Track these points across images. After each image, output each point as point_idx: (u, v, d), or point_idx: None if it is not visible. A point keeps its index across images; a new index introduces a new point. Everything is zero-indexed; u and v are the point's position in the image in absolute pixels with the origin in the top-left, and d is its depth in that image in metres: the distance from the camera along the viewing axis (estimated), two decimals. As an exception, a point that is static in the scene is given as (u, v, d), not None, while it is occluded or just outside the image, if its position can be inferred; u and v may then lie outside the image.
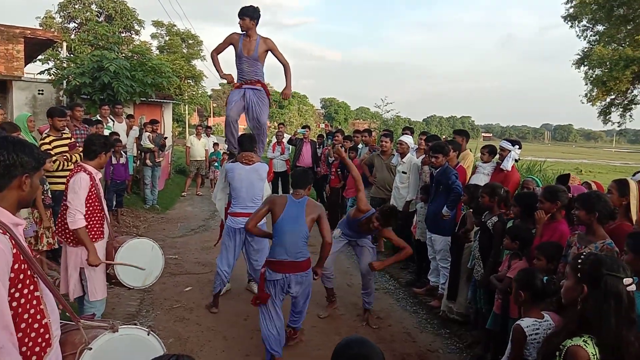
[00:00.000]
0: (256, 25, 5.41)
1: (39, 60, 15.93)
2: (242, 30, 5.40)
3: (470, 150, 11.71)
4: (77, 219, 3.58)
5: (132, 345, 2.29)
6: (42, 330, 1.99)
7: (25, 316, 1.92)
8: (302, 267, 3.95)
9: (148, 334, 2.35)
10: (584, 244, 3.18)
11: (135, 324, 2.42)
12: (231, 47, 5.53)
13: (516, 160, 5.77)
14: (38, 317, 1.98)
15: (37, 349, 1.95)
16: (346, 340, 1.73)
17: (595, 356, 2.07)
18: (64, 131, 5.91)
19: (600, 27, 22.34)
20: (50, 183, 5.52)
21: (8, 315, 1.81)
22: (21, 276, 1.89)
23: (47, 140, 5.67)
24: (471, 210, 4.95)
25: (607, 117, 24.73)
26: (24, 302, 1.91)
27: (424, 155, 6.40)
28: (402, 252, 4.89)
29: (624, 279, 2.13)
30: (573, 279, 2.26)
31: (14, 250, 1.85)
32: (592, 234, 3.17)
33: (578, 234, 3.32)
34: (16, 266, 1.85)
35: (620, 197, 3.56)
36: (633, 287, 2.14)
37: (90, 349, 2.14)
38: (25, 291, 1.91)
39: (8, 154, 1.89)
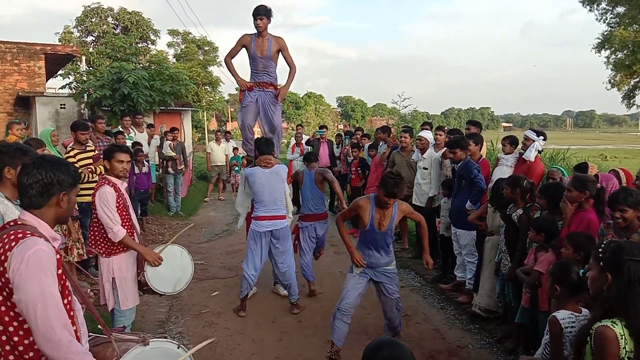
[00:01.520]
0: (269, 24, 5.46)
1: (59, 75, 16.30)
2: (258, 30, 5.40)
3: (491, 142, 11.60)
4: (115, 231, 3.65)
5: (163, 358, 2.32)
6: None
7: None
8: (322, 217, 5.94)
9: (178, 347, 2.38)
10: (624, 237, 3.12)
11: (165, 337, 2.46)
12: (244, 49, 5.58)
13: (539, 152, 5.67)
14: (73, 328, 2.03)
15: None
16: (376, 341, 1.72)
17: (623, 337, 2.05)
18: (87, 144, 6.03)
19: (620, 9, 21.81)
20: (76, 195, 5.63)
21: (65, 313, 1.88)
22: (62, 280, 1.95)
23: (71, 153, 5.79)
24: (490, 204, 4.89)
25: (632, 101, 24.18)
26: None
27: (444, 149, 6.35)
28: (421, 229, 4.42)
29: None
30: (596, 268, 2.24)
31: (57, 256, 1.94)
32: (629, 227, 3.14)
33: (614, 227, 3.26)
34: (59, 269, 1.93)
35: (650, 182, 3.50)
36: None
37: None
38: (65, 301, 1.97)
39: (46, 172, 1.98)
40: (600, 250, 2.23)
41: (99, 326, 2.39)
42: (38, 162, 2.01)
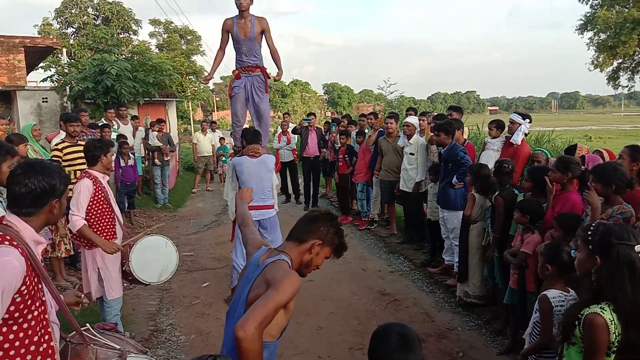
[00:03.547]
0: (251, 5, 5.39)
1: (40, 68, 15.97)
2: (241, 10, 5.32)
3: (477, 126, 11.66)
4: (73, 220, 3.60)
5: None
6: (50, 351, 1.96)
7: (35, 338, 1.88)
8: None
9: None
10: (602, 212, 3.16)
11: (145, 353, 2.43)
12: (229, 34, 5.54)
13: (525, 134, 5.72)
14: (46, 337, 1.95)
15: None
16: (386, 324, 1.80)
17: (612, 322, 2.06)
18: (79, 138, 5.85)
19: (602, -10, 21.91)
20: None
21: None
22: (32, 292, 1.86)
23: (59, 147, 5.60)
24: (475, 191, 4.92)
25: (617, 82, 24.38)
26: (34, 324, 1.88)
27: (430, 135, 6.39)
28: None
29: (636, 246, 2.11)
30: (585, 250, 2.23)
31: (26, 272, 1.83)
32: (610, 203, 3.15)
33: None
34: (24, 286, 1.82)
35: (632, 162, 3.54)
36: None
37: None
38: (35, 313, 1.89)
39: (38, 182, 1.90)
40: (589, 232, 2.23)
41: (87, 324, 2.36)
42: (28, 170, 1.92)
